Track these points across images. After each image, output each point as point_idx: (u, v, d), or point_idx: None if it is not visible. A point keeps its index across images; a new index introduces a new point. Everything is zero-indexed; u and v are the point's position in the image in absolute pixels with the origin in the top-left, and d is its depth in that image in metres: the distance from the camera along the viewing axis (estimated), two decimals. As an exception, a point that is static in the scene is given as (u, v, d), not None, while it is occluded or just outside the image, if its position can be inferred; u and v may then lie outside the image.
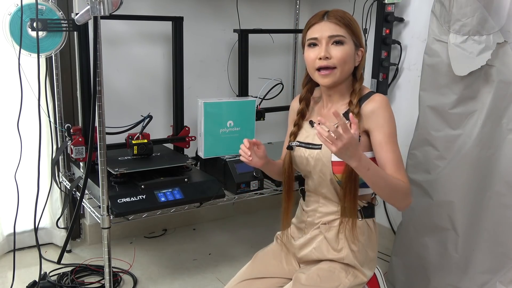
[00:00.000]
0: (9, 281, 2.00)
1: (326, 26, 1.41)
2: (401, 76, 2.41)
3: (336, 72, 1.42)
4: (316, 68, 1.43)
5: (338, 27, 1.41)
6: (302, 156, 1.52)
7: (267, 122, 2.52)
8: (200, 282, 2.23)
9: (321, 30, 1.42)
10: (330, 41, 1.41)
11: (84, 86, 2.05)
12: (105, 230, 1.80)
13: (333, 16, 1.42)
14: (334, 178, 1.45)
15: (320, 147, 1.47)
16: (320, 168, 1.47)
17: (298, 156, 1.53)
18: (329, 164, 1.44)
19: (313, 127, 1.51)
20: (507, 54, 1.73)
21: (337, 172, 1.43)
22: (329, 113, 1.51)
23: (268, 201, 2.42)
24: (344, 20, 1.42)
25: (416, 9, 2.29)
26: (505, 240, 1.81)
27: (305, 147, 1.51)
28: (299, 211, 1.62)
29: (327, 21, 1.42)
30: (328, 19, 1.42)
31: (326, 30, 1.41)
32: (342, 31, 1.41)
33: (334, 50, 1.41)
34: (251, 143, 1.48)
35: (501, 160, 1.80)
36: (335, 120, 1.46)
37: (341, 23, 1.41)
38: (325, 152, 1.45)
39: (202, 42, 2.62)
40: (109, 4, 1.60)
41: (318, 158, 1.46)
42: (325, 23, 1.42)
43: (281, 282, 1.53)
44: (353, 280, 1.46)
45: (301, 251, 1.54)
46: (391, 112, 1.44)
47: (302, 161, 1.52)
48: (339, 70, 1.42)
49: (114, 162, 2.01)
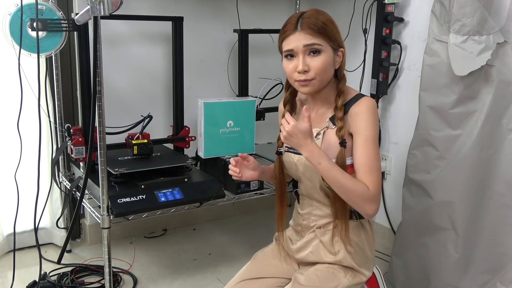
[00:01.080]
0: (9, 281, 2.00)
1: (301, 37, 1.36)
2: (401, 76, 2.41)
3: (315, 83, 1.40)
4: (295, 80, 1.41)
5: (313, 36, 1.36)
6: (291, 162, 1.50)
7: (267, 122, 2.52)
8: (200, 282, 2.23)
9: (296, 40, 1.37)
10: (307, 51, 1.37)
11: (84, 86, 2.05)
12: (105, 230, 1.80)
13: (306, 25, 1.36)
14: (323, 184, 1.42)
15: None
16: (310, 174, 1.46)
17: (288, 161, 1.51)
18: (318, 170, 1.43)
19: None
20: (507, 54, 1.73)
21: None
22: (316, 116, 1.49)
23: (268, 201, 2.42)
24: (318, 27, 1.36)
25: (416, 9, 2.29)
26: (505, 240, 1.81)
27: (294, 153, 1.48)
28: (295, 213, 1.61)
29: (301, 31, 1.36)
30: (301, 29, 1.36)
31: (301, 40, 1.36)
32: (317, 39, 1.36)
33: (312, 61, 1.37)
34: (237, 160, 1.49)
35: (501, 160, 1.80)
36: (321, 124, 1.46)
37: (315, 31, 1.36)
38: None
39: (202, 42, 2.62)
40: (109, 4, 1.60)
41: (307, 164, 1.44)
42: (299, 34, 1.37)
43: (280, 282, 1.53)
44: (351, 280, 1.45)
45: (298, 254, 1.54)
46: (375, 117, 1.40)
47: (292, 166, 1.50)
48: (318, 80, 1.39)
49: (114, 162, 2.01)
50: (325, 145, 1.43)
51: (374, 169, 1.36)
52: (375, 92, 2.36)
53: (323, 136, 1.44)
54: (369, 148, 1.37)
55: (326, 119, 1.46)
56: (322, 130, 1.45)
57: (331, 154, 1.39)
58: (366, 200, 1.35)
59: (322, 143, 1.43)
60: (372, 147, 1.37)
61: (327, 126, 1.45)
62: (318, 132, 1.45)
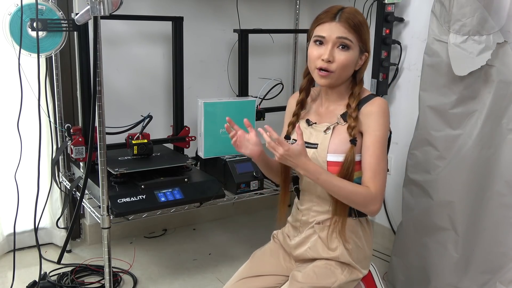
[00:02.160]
0: (9, 281, 2.00)
1: (336, 28, 1.40)
2: (401, 76, 2.41)
3: (334, 76, 1.43)
4: (316, 67, 1.43)
5: (348, 31, 1.39)
6: None
7: (267, 122, 2.52)
8: (200, 282, 2.23)
9: (330, 30, 1.40)
10: (337, 44, 1.40)
11: (84, 86, 2.05)
12: (105, 230, 1.80)
13: (344, 19, 1.39)
14: None
15: (316, 147, 1.47)
16: None
17: None
18: (325, 164, 1.44)
19: (310, 126, 1.52)
20: (507, 54, 1.73)
21: (332, 172, 1.43)
22: (326, 112, 1.52)
23: (268, 201, 2.42)
24: (355, 24, 1.39)
25: (416, 9, 2.29)
26: (505, 240, 1.81)
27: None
28: (294, 210, 1.62)
29: (338, 23, 1.39)
30: (339, 21, 1.39)
31: (335, 31, 1.40)
32: (350, 36, 1.40)
33: (338, 54, 1.41)
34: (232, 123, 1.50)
35: (501, 160, 1.80)
36: (331, 119, 1.48)
37: (351, 27, 1.39)
38: (321, 152, 1.45)
39: (202, 42, 2.62)
40: (109, 4, 1.60)
41: (313, 158, 1.46)
42: (336, 24, 1.40)
43: (279, 280, 1.54)
44: (348, 276, 1.47)
45: (296, 250, 1.55)
46: (387, 118, 1.44)
47: None
48: (337, 74, 1.42)
49: (114, 162, 2.01)
50: (334, 141, 1.45)
51: (380, 170, 1.41)
52: (375, 92, 2.36)
53: (332, 131, 1.46)
54: (378, 149, 1.41)
55: (337, 115, 1.48)
56: (332, 125, 1.47)
57: (340, 150, 1.43)
58: (368, 201, 1.41)
59: (331, 138, 1.45)
60: (381, 147, 1.42)
61: (338, 122, 1.47)
62: (328, 127, 1.47)
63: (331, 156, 1.44)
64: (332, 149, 1.44)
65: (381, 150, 1.41)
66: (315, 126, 1.51)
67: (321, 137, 1.47)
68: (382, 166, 1.41)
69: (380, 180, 1.41)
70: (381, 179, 1.41)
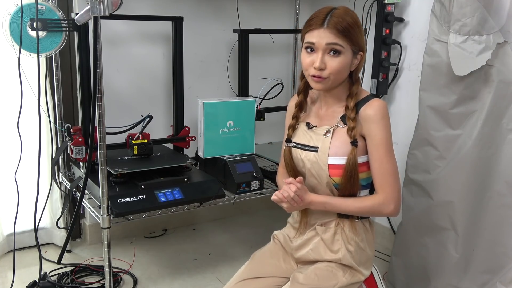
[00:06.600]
0: (9, 281, 2.00)
1: (325, 34, 1.37)
2: (401, 76, 2.41)
3: (328, 81, 1.42)
4: (310, 74, 1.43)
5: (336, 36, 1.37)
6: (298, 158, 1.51)
7: (267, 122, 2.52)
8: (200, 282, 2.23)
9: (319, 37, 1.38)
10: (327, 50, 1.38)
11: (84, 86, 2.05)
12: (105, 230, 1.80)
13: (333, 25, 1.36)
14: (330, 181, 1.45)
15: (316, 150, 1.47)
16: (317, 171, 1.47)
17: (294, 157, 1.53)
18: (326, 168, 1.44)
19: (310, 129, 1.52)
20: (507, 54, 1.73)
21: (334, 175, 1.43)
22: (326, 114, 1.51)
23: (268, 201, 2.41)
24: (344, 28, 1.36)
25: (416, 9, 2.29)
26: (505, 240, 1.81)
27: (301, 149, 1.51)
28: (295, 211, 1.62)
29: (326, 29, 1.37)
30: (327, 27, 1.37)
31: (324, 38, 1.37)
32: (340, 41, 1.37)
33: (329, 61, 1.39)
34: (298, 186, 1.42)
35: (501, 160, 1.80)
36: (331, 121, 1.48)
37: (340, 32, 1.36)
38: (321, 155, 1.45)
39: (202, 42, 2.62)
40: (109, 4, 1.60)
41: (314, 161, 1.46)
42: (324, 31, 1.37)
43: (279, 281, 1.53)
44: (350, 279, 1.46)
45: (298, 252, 1.54)
46: (387, 120, 1.43)
47: (298, 162, 1.52)
48: (332, 79, 1.41)
49: (114, 162, 2.01)
50: (335, 143, 1.45)
51: (388, 175, 1.43)
52: (375, 92, 2.36)
53: (332, 134, 1.46)
54: (382, 152, 1.42)
55: (336, 117, 1.48)
56: (332, 128, 1.47)
57: (341, 153, 1.43)
58: (379, 209, 1.44)
59: (332, 141, 1.45)
60: (384, 150, 1.42)
61: (337, 125, 1.47)
62: (328, 129, 1.47)
63: (332, 159, 1.44)
64: (333, 152, 1.44)
65: (385, 153, 1.42)
66: (315, 130, 1.50)
67: (321, 140, 1.47)
68: (389, 168, 1.42)
69: (389, 183, 1.43)
70: (390, 181, 1.43)
